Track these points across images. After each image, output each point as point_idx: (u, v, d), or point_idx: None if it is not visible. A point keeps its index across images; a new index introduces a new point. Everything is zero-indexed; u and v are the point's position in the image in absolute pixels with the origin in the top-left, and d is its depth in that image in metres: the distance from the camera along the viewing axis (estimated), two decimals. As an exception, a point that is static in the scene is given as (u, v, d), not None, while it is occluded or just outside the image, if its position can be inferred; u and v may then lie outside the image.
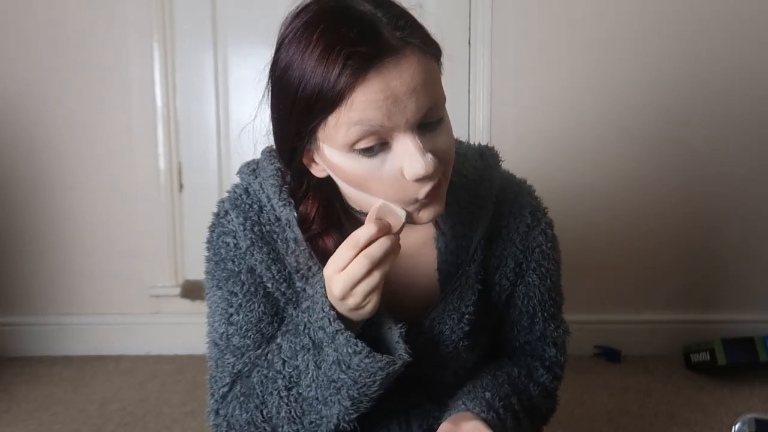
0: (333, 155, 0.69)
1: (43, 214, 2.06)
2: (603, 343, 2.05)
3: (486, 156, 0.87)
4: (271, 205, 0.81)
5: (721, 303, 2.08)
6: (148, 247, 2.08)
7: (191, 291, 2.07)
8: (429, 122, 0.68)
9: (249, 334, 0.82)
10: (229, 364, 0.83)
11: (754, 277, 2.06)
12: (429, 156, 0.66)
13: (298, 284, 0.81)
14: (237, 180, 0.88)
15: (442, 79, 0.73)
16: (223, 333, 0.83)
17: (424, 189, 0.68)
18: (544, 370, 0.91)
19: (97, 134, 2.03)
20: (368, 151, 0.67)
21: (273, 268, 0.80)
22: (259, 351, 0.82)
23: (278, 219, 0.81)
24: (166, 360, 2.05)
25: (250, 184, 0.84)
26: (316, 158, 0.73)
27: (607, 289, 2.07)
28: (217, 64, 2.05)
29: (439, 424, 0.79)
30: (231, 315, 0.82)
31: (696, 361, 1.92)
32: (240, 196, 0.83)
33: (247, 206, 0.82)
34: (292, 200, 0.79)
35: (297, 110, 0.67)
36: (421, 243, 0.83)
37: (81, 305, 2.10)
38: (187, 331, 1.99)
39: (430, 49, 0.69)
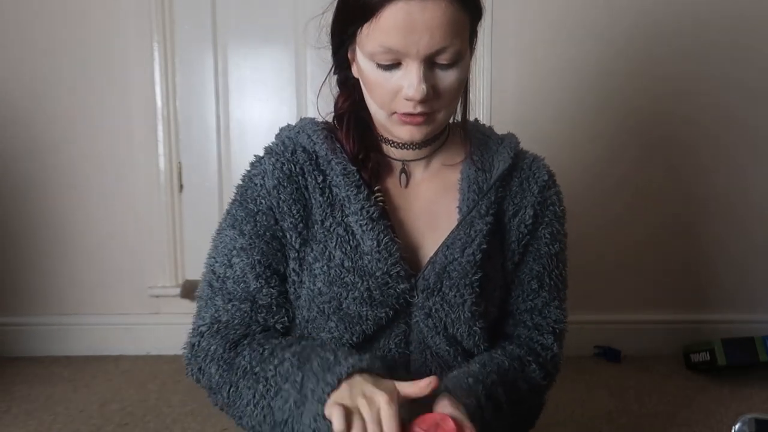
0: (361, 58, 0.84)
1: (43, 214, 2.06)
2: (603, 343, 2.05)
3: (506, 135, 1.01)
4: (311, 139, 0.89)
5: (721, 303, 2.08)
6: (148, 247, 2.08)
7: (191, 291, 2.07)
8: (440, 62, 0.80)
9: (240, 281, 0.87)
10: (216, 305, 0.89)
11: (754, 277, 2.07)
12: (424, 86, 0.79)
13: (314, 228, 0.87)
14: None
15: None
16: (221, 275, 0.88)
17: (407, 108, 0.81)
18: (537, 366, 0.91)
19: (97, 134, 2.03)
20: (383, 67, 0.81)
21: (293, 208, 0.87)
22: (261, 336, 0.86)
23: (311, 156, 0.89)
24: (166, 360, 2.04)
25: (288, 134, 0.92)
26: (356, 56, 0.86)
27: (607, 289, 2.07)
28: (217, 64, 2.05)
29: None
30: (233, 256, 0.87)
31: (696, 361, 1.92)
32: (277, 145, 0.92)
33: (282, 149, 0.90)
34: (332, 135, 0.90)
35: (344, 12, 0.85)
36: (446, 187, 0.92)
37: (81, 305, 2.10)
38: (187, 331, 1.99)
39: (466, 5, 0.80)
